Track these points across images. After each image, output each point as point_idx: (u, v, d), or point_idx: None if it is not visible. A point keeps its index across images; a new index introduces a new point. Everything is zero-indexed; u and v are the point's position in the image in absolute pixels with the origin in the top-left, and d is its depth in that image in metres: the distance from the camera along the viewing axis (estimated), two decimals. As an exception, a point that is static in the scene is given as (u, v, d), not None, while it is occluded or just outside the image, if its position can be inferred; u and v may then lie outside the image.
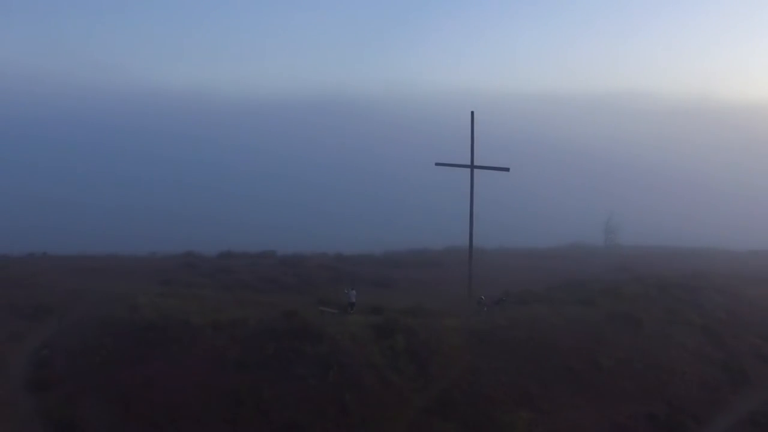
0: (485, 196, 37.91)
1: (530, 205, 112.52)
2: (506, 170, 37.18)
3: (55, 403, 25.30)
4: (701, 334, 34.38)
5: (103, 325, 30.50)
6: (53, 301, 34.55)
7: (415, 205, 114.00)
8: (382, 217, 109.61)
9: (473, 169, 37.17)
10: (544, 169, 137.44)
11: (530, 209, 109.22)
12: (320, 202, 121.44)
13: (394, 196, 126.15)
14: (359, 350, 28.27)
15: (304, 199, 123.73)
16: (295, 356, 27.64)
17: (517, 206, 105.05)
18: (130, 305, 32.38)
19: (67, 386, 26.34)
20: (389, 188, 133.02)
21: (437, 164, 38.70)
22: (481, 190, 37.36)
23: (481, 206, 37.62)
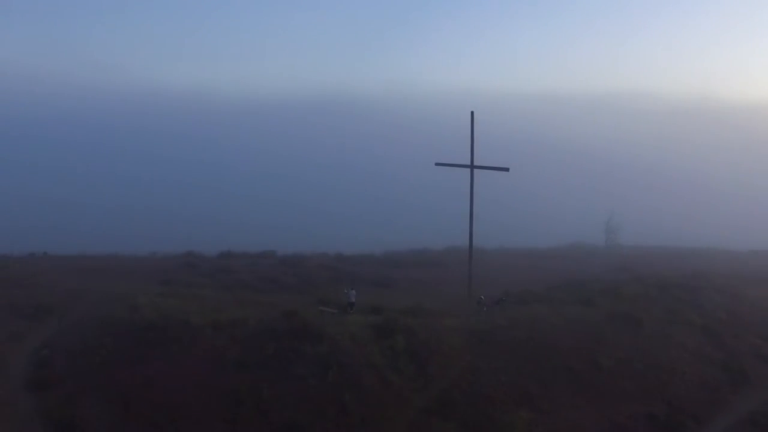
0: (485, 196, 37.90)
1: (531, 205, 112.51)
2: (506, 170, 37.21)
3: (55, 403, 25.30)
4: (701, 334, 34.37)
5: (103, 325, 30.49)
6: (53, 301, 34.53)
7: (415, 205, 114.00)
8: (382, 217, 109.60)
9: (473, 169, 37.19)
10: (544, 169, 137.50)
11: (531, 209, 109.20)
12: (320, 202, 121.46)
13: (394, 196, 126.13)
14: (359, 350, 28.27)
15: (304, 199, 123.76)
16: (294, 356, 27.65)
17: (517, 206, 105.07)
18: (130, 305, 32.37)
19: (67, 386, 26.33)
20: (389, 188, 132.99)
21: (437, 164, 38.72)
22: (481, 190, 37.35)
23: (481, 206, 37.60)
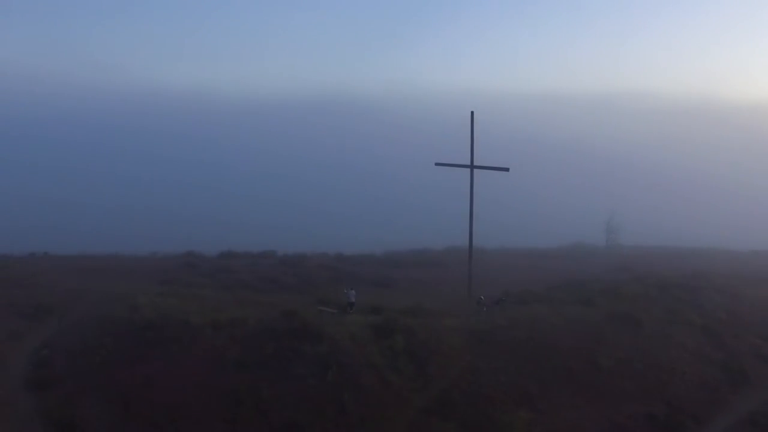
0: (486, 196, 37.90)
1: (532, 205, 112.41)
2: (506, 170, 37.22)
3: (54, 402, 25.33)
4: (701, 334, 34.35)
5: (102, 324, 30.51)
6: (53, 300, 34.58)
7: (415, 205, 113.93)
8: (382, 217, 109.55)
9: (473, 169, 37.20)
10: (545, 169, 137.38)
11: (532, 209, 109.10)
12: (320, 202, 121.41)
13: (394, 196, 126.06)
14: (358, 350, 28.27)
15: (304, 199, 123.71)
16: (294, 356, 27.65)
17: (518, 206, 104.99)
18: (130, 305, 32.39)
19: (66, 386, 26.36)
20: (389, 188, 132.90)
21: (437, 164, 38.72)
22: (481, 190, 37.35)
23: (481, 206, 37.61)
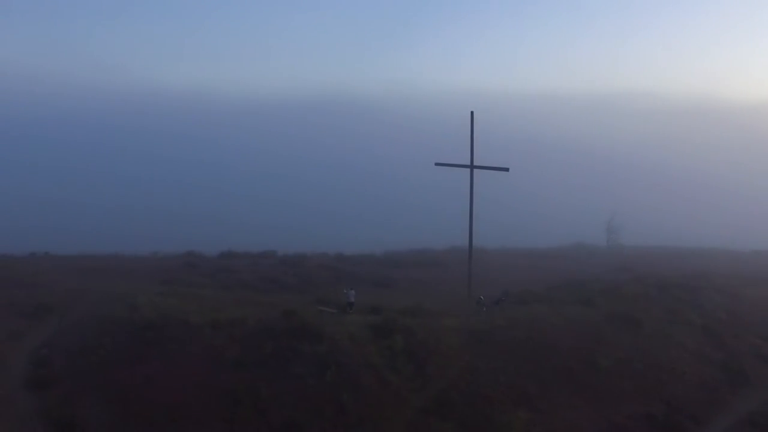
0: (487, 196, 37.92)
1: (532, 205, 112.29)
2: (506, 170, 37.26)
3: (54, 402, 25.34)
4: (701, 334, 34.38)
5: (102, 324, 30.51)
6: (53, 300, 34.57)
7: (415, 205, 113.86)
8: (382, 217, 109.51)
9: (473, 169, 37.21)
10: (545, 169, 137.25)
11: (532, 209, 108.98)
12: (320, 202, 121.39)
13: (394, 196, 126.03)
14: (357, 350, 28.28)
15: (304, 199, 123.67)
16: (293, 355, 27.65)
17: (519, 207, 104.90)
18: (129, 305, 32.41)
19: (66, 385, 26.37)
20: (389, 188, 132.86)
21: (437, 164, 38.74)
22: (481, 190, 37.38)
23: (481, 206, 37.63)
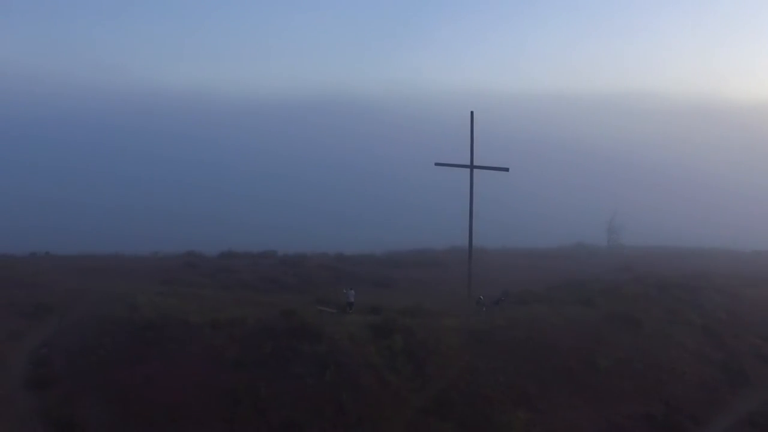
0: (487, 196, 37.92)
1: (532, 205, 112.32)
2: (506, 170, 37.25)
3: (54, 401, 25.34)
4: (701, 334, 34.37)
5: (102, 324, 30.52)
6: (53, 300, 34.58)
7: (415, 205, 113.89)
8: (382, 217, 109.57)
9: (473, 169, 37.22)
10: (546, 169, 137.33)
11: (532, 209, 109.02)
12: (320, 202, 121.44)
13: (394, 196, 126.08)
14: (357, 350, 28.27)
15: (304, 199, 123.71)
16: (292, 355, 27.65)
17: (520, 207, 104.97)
18: (129, 305, 32.41)
19: (66, 385, 26.38)
20: (389, 188, 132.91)
21: (437, 164, 38.75)
22: (481, 190, 37.39)
23: (482, 206, 37.65)
